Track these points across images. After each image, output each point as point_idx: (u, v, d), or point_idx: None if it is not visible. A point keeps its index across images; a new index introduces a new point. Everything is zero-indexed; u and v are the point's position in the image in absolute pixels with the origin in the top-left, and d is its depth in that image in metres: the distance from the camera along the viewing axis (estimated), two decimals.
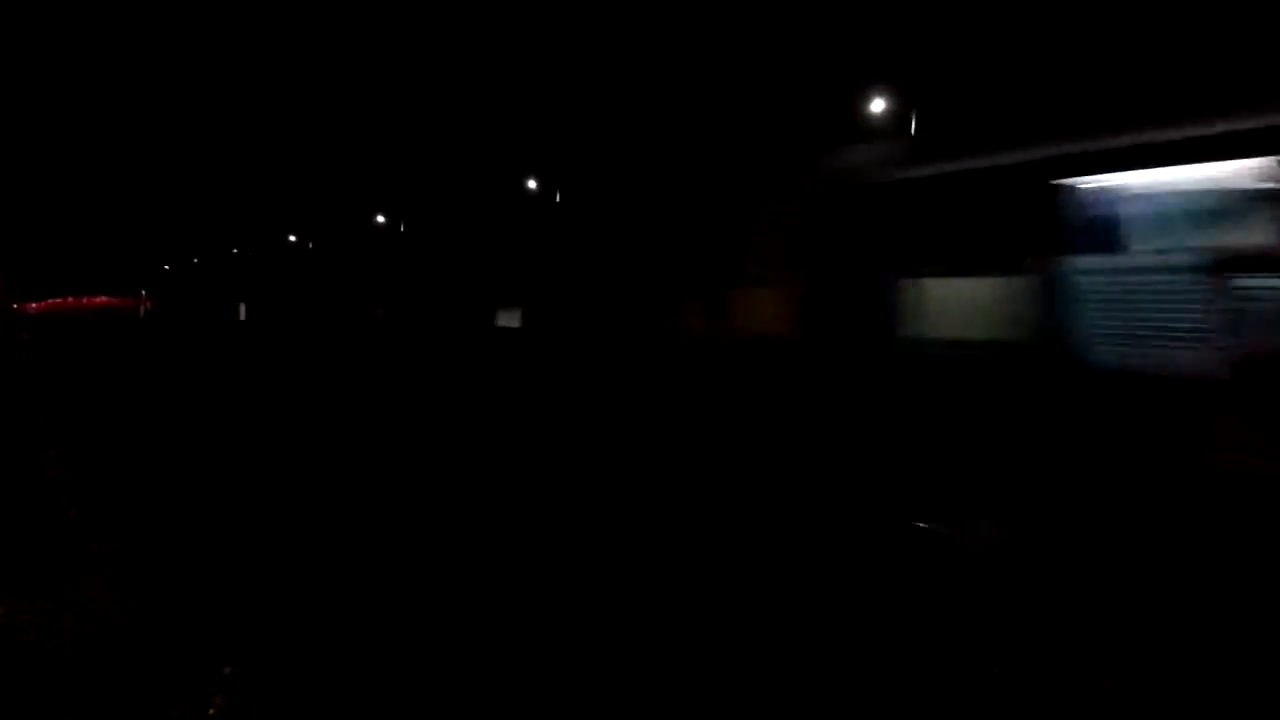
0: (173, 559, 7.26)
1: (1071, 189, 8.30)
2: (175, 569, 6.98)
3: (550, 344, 21.54)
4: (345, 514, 8.85)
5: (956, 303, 9.36)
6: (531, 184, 30.69)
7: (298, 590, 6.57)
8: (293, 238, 60.11)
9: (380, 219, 49.13)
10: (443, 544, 7.80)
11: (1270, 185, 6.81)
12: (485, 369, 23.66)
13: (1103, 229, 8.10)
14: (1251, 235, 7.09)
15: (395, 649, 5.54)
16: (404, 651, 5.50)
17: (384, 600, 6.41)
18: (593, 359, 18.71)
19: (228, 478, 10.54)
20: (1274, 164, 6.89)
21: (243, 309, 66.71)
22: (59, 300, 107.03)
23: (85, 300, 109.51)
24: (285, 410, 16.31)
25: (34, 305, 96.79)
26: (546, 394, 18.24)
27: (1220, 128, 7.15)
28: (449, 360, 25.55)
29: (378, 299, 40.83)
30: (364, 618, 6.04)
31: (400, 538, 8.00)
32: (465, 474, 10.72)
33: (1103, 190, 8.13)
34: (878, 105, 22.38)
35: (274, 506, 9.14)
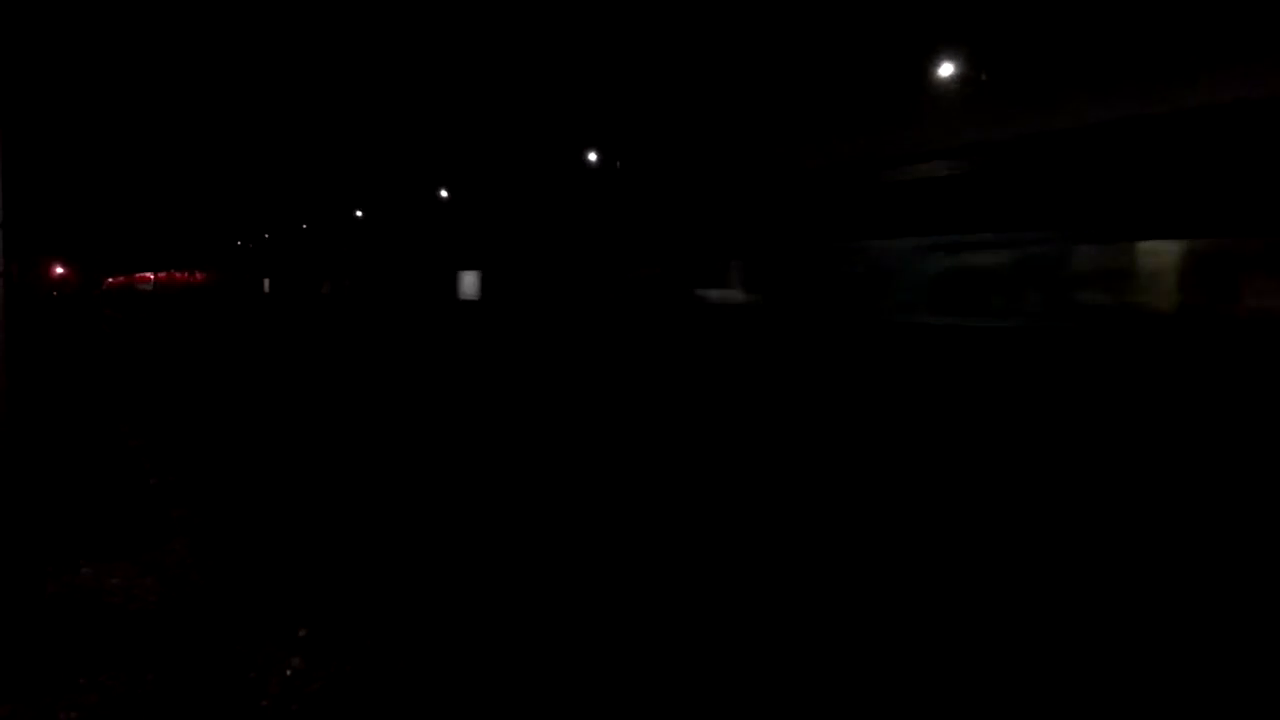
0: (248, 525, 7.46)
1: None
2: (251, 535, 7.16)
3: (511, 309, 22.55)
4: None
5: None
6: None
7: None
8: (305, 225, 64.29)
9: (353, 210, 50.86)
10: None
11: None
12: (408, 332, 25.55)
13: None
14: None
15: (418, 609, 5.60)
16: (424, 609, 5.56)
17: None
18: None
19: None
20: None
21: (266, 284, 77.93)
22: (127, 277, 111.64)
23: (160, 276, 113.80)
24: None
25: (109, 280, 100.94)
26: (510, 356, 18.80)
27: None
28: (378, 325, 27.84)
29: (332, 275, 47.73)
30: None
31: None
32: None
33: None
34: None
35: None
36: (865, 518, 7.35)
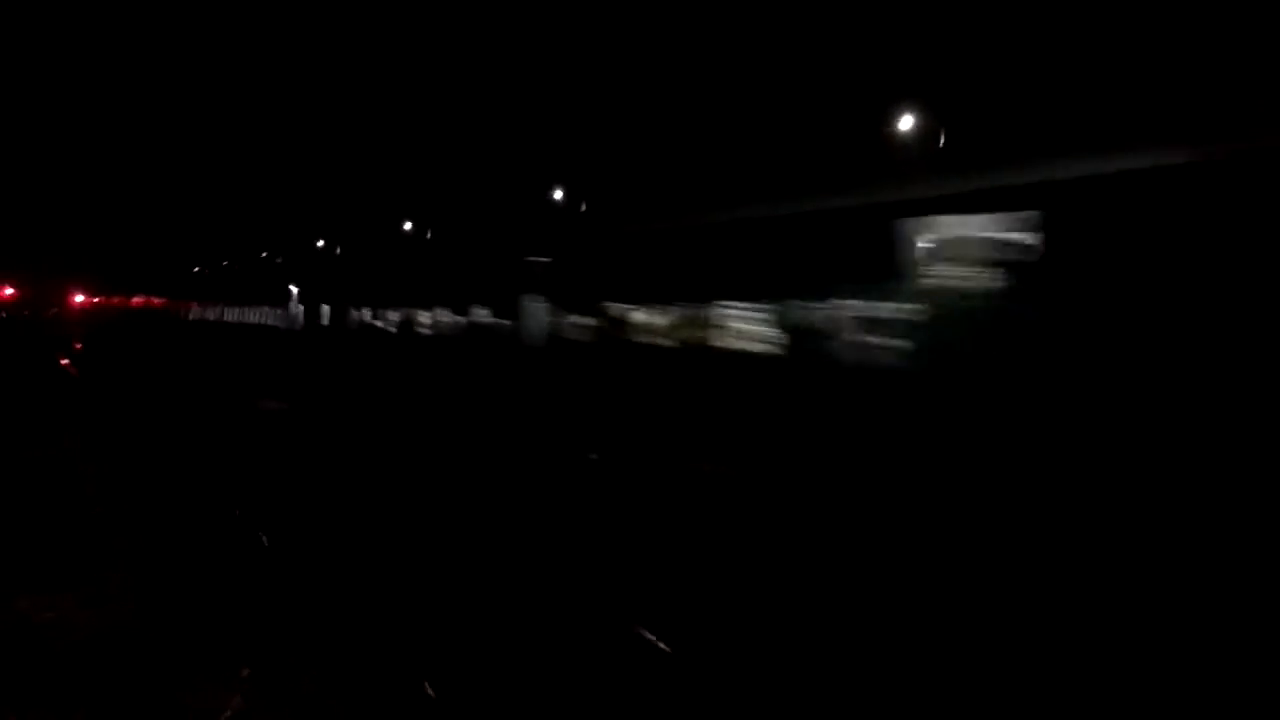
0: (191, 557, 7.27)
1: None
2: (194, 567, 6.97)
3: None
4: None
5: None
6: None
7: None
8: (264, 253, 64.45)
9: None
10: None
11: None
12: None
13: None
14: None
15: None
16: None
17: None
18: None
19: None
20: None
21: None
22: (100, 300, 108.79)
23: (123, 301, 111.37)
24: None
25: (79, 301, 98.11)
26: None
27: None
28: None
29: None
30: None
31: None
32: None
33: None
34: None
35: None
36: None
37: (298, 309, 37.96)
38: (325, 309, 33.96)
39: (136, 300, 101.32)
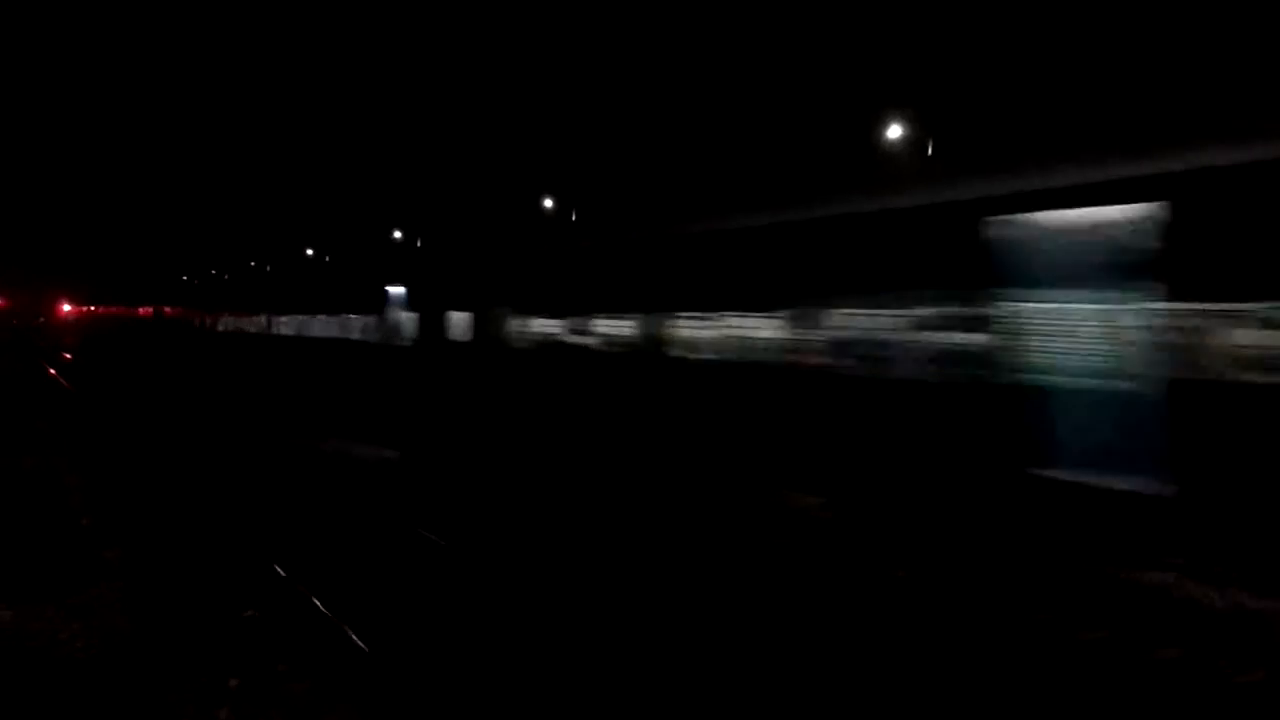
0: (182, 567, 7.22)
1: None
2: (185, 577, 6.93)
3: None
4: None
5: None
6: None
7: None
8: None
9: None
10: None
11: None
12: None
13: None
14: None
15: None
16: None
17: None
18: None
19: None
20: None
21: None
22: (88, 309, 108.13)
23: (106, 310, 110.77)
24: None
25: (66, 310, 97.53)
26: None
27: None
28: None
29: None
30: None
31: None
32: None
33: None
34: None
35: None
36: None
37: (397, 317, 28.22)
38: (457, 317, 24.02)
39: (144, 310, 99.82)
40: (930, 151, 12.48)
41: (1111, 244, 7.50)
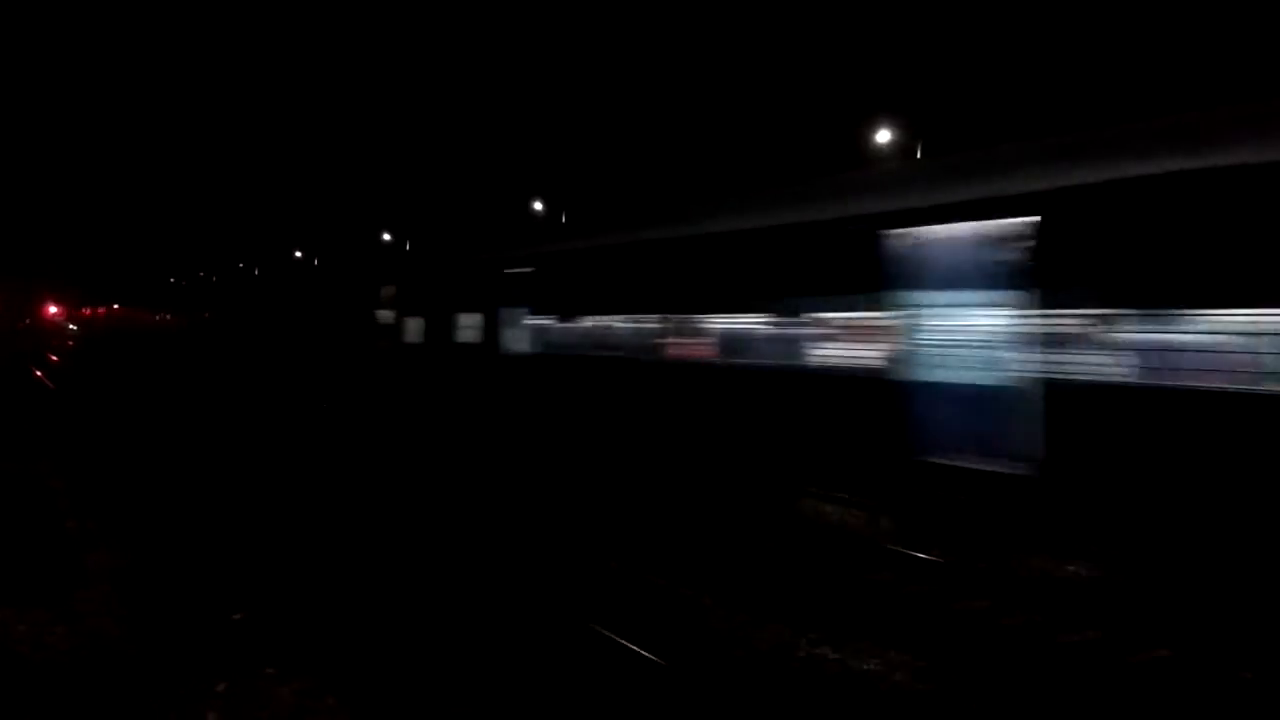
0: (169, 570, 7.23)
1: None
2: (171, 580, 6.94)
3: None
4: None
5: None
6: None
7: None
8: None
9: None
10: None
11: None
12: None
13: None
14: None
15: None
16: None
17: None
18: None
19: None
20: None
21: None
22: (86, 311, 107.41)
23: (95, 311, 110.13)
24: None
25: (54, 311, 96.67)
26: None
27: None
28: None
29: None
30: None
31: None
32: None
33: None
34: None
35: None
36: None
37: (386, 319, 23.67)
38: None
39: (132, 311, 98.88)
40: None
41: (992, 254, 8.35)
